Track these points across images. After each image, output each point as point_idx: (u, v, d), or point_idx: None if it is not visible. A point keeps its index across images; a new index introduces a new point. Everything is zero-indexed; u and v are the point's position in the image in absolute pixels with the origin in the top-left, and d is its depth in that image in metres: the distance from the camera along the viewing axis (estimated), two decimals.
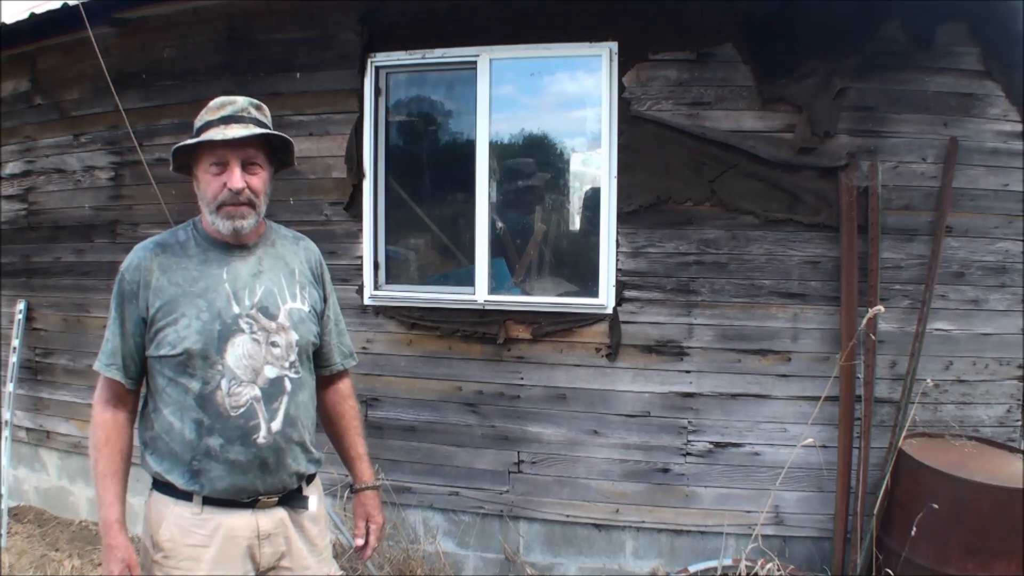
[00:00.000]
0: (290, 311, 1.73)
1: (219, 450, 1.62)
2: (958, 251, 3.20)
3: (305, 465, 1.76)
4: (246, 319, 1.66)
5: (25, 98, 4.36)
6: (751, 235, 3.26)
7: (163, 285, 1.66)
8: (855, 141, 3.18)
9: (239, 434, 1.63)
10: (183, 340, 1.62)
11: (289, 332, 1.71)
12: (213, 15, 3.76)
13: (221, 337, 1.63)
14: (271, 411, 1.66)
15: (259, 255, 1.75)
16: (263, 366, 1.66)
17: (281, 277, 1.76)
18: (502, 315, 3.48)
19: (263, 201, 1.71)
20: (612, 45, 3.31)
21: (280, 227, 1.89)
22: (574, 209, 3.75)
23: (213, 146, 1.64)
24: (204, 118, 1.68)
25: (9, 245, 4.47)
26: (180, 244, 1.73)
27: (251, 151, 1.67)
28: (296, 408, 1.71)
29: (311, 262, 1.87)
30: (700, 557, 3.27)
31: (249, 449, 1.64)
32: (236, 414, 1.63)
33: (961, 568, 2.66)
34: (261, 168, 1.70)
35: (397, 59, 3.57)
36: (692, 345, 3.32)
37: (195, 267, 1.69)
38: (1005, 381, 3.26)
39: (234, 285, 1.68)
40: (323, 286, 1.88)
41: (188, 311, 1.64)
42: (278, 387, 1.68)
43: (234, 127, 1.64)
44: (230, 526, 1.66)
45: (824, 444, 3.13)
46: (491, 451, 3.55)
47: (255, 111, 1.71)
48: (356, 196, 3.61)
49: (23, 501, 4.54)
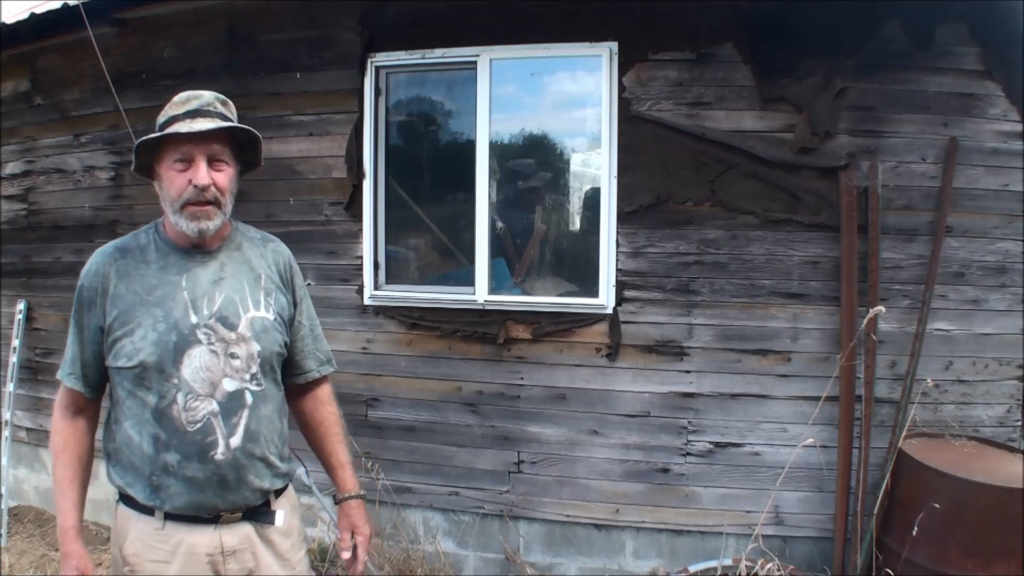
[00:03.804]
0: (252, 320, 1.64)
1: (176, 466, 1.55)
2: (958, 251, 3.21)
3: (270, 481, 1.67)
4: (204, 329, 1.58)
5: (25, 98, 4.36)
6: (751, 235, 3.26)
7: (121, 293, 1.59)
8: (855, 141, 3.18)
9: (196, 450, 1.55)
10: (139, 352, 1.55)
11: (250, 343, 1.61)
12: (213, 15, 3.76)
13: (177, 349, 1.55)
14: (230, 426, 1.58)
15: (221, 260, 1.66)
16: (221, 379, 1.58)
17: (244, 284, 1.66)
18: (502, 315, 3.48)
19: (229, 200, 1.62)
20: (612, 45, 3.31)
21: (248, 228, 1.79)
22: (574, 209, 3.75)
23: (178, 141, 1.55)
24: (168, 113, 1.60)
25: (9, 245, 4.46)
26: (140, 248, 1.65)
27: (217, 147, 1.58)
28: (258, 423, 1.62)
29: (279, 265, 1.76)
30: (700, 557, 3.27)
31: (207, 466, 1.56)
32: (192, 429, 1.55)
33: (961, 568, 2.66)
34: (227, 165, 1.61)
35: (397, 59, 3.57)
36: (692, 345, 3.33)
37: (153, 274, 1.61)
38: (1005, 381, 3.26)
39: (193, 293, 1.60)
40: (293, 290, 1.78)
41: (145, 321, 1.56)
42: (237, 401, 1.59)
43: (200, 121, 1.55)
44: (192, 543, 1.60)
45: (824, 444, 3.13)
46: (491, 451, 3.55)
47: (221, 106, 1.63)
48: (356, 196, 3.61)
49: (23, 501, 4.54)
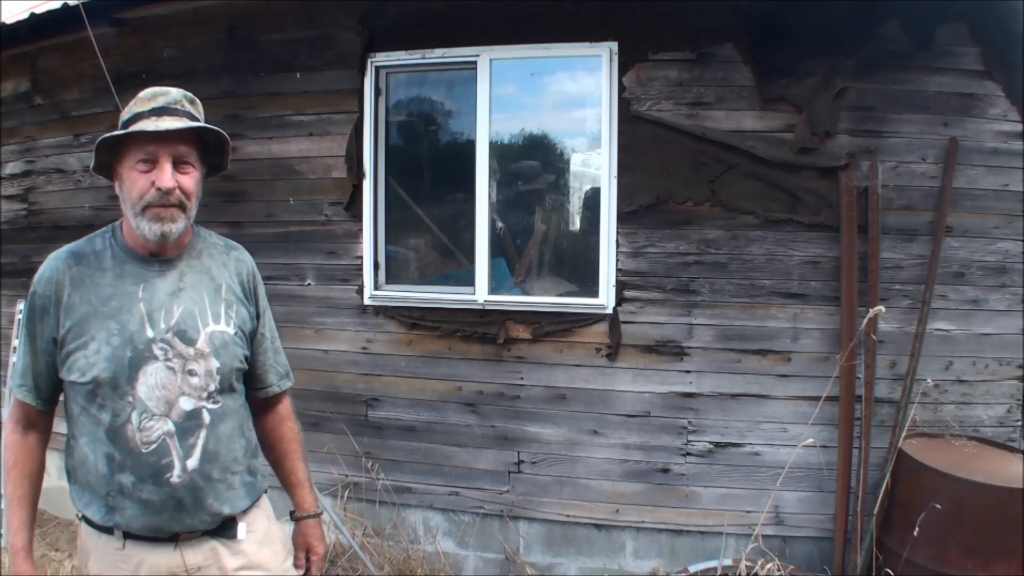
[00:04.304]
0: (211, 335, 1.54)
1: (131, 488, 1.47)
2: (958, 251, 3.21)
3: (231, 505, 1.57)
4: (160, 345, 1.48)
5: (25, 98, 4.36)
6: (751, 235, 3.26)
7: (75, 303, 1.50)
8: (855, 141, 3.18)
9: (151, 472, 1.46)
10: (92, 367, 1.46)
11: (209, 359, 1.52)
12: (213, 15, 3.76)
13: (132, 365, 1.46)
14: (186, 447, 1.49)
15: (181, 269, 1.57)
16: (178, 397, 1.48)
17: (204, 295, 1.57)
18: (502, 315, 3.48)
19: (194, 204, 1.53)
20: (612, 45, 3.31)
21: (210, 234, 1.70)
22: (574, 209, 3.75)
23: (142, 140, 1.45)
24: (133, 110, 1.50)
25: (9, 245, 4.46)
26: (96, 254, 1.56)
27: (183, 148, 1.49)
28: (216, 442, 1.53)
29: (242, 275, 1.67)
30: (700, 557, 3.27)
31: (162, 489, 1.47)
32: (147, 451, 1.46)
33: (961, 568, 2.66)
34: (193, 168, 1.52)
35: (397, 59, 3.57)
36: (692, 345, 3.33)
37: (109, 283, 1.52)
38: (1005, 381, 3.26)
39: (149, 305, 1.50)
40: (256, 302, 1.70)
41: (99, 334, 1.47)
42: (195, 420, 1.50)
43: (167, 119, 1.46)
44: (153, 563, 1.52)
45: (824, 444, 3.13)
46: (491, 451, 3.55)
47: (189, 104, 1.53)
48: (356, 196, 3.61)
49: None
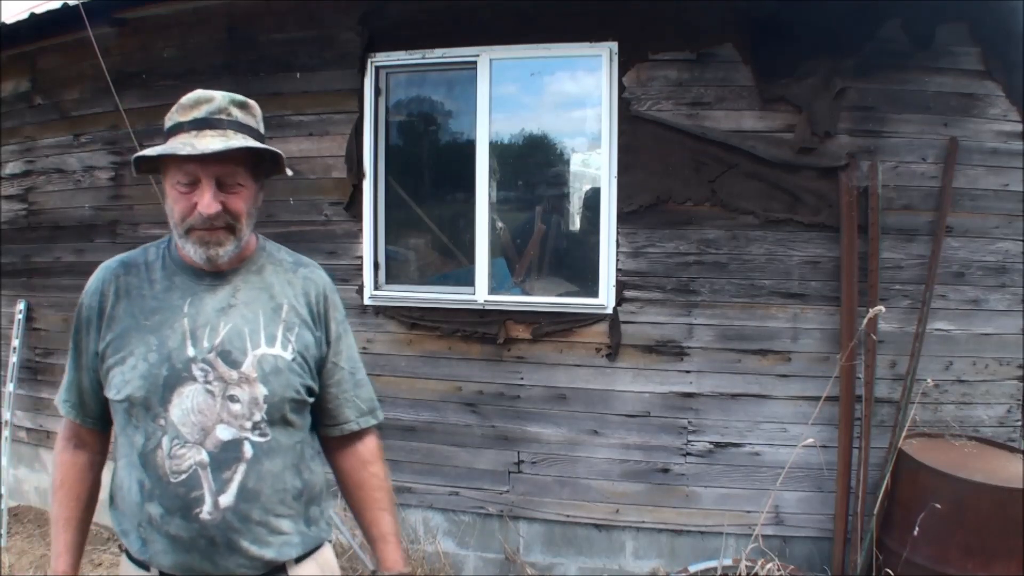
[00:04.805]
0: (261, 358, 1.38)
1: (160, 520, 1.34)
2: (958, 251, 3.21)
3: (277, 550, 1.39)
4: (201, 365, 1.35)
5: (25, 98, 4.36)
6: (751, 235, 3.26)
7: (118, 315, 1.40)
8: (855, 141, 3.18)
9: (179, 505, 1.32)
10: (127, 384, 1.35)
11: (255, 385, 1.36)
12: (213, 15, 3.76)
13: (167, 385, 1.33)
14: (220, 481, 1.33)
15: (235, 284, 1.43)
16: (215, 425, 1.34)
17: (259, 314, 1.41)
18: (502, 315, 3.48)
19: (247, 223, 1.39)
20: (612, 45, 3.31)
21: (279, 249, 1.54)
22: (574, 209, 3.75)
23: (180, 158, 1.30)
24: (174, 117, 1.35)
25: (9, 245, 4.46)
26: (147, 265, 1.45)
27: (228, 167, 1.33)
28: (259, 480, 1.36)
29: (310, 295, 1.49)
30: (700, 557, 3.27)
31: (191, 524, 1.32)
32: (176, 480, 1.32)
33: (961, 568, 2.66)
34: (243, 186, 1.36)
35: (397, 59, 3.57)
36: (692, 345, 3.32)
37: (155, 295, 1.41)
38: (1005, 381, 3.26)
39: (194, 321, 1.37)
40: (326, 327, 1.50)
41: (137, 349, 1.36)
42: (233, 452, 1.34)
43: (208, 136, 1.30)
44: None
45: (824, 444, 3.13)
46: (491, 451, 3.55)
47: (238, 111, 1.36)
48: (356, 196, 3.61)
49: (23, 501, 4.54)
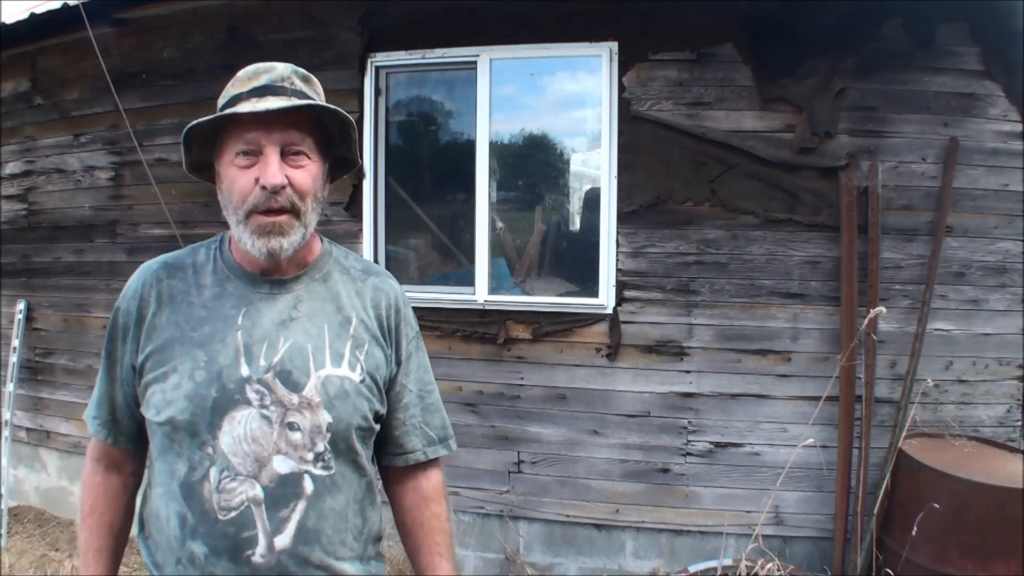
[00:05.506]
0: (326, 380, 1.19)
1: (204, 561, 1.15)
2: (958, 251, 3.21)
3: None
4: (257, 387, 1.16)
5: (25, 98, 4.36)
6: (751, 235, 3.26)
7: (161, 323, 1.20)
8: (855, 141, 3.18)
9: (227, 546, 1.14)
10: (168, 405, 1.16)
11: (318, 411, 1.17)
12: (213, 15, 3.76)
13: (216, 409, 1.15)
14: (277, 521, 1.15)
15: (298, 294, 1.24)
16: (271, 456, 1.15)
17: (324, 329, 1.22)
18: (502, 315, 3.48)
19: (312, 208, 1.19)
20: (612, 45, 3.31)
21: (347, 254, 1.36)
22: (574, 209, 3.75)
23: (240, 125, 1.13)
24: (229, 92, 1.18)
25: (9, 245, 4.46)
26: (195, 268, 1.25)
27: (294, 134, 1.15)
28: (320, 519, 1.18)
29: (380, 308, 1.31)
30: (700, 557, 3.27)
31: (240, 568, 1.14)
32: (225, 518, 1.14)
33: (961, 568, 2.66)
34: (310, 160, 1.17)
35: (397, 59, 3.57)
36: (692, 345, 3.32)
37: (205, 303, 1.21)
38: (1005, 381, 3.26)
39: (249, 335, 1.18)
40: (396, 344, 1.33)
41: (182, 365, 1.17)
42: (292, 488, 1.16)
43: (270, 100, 1.13)
44: None
45: (824, 444, 3.13)
46: (491, 451, 3.55)
47: (301, 82, 1.20)
48: (356, 196, 3.61)
49: (23, 501, 4.54)
